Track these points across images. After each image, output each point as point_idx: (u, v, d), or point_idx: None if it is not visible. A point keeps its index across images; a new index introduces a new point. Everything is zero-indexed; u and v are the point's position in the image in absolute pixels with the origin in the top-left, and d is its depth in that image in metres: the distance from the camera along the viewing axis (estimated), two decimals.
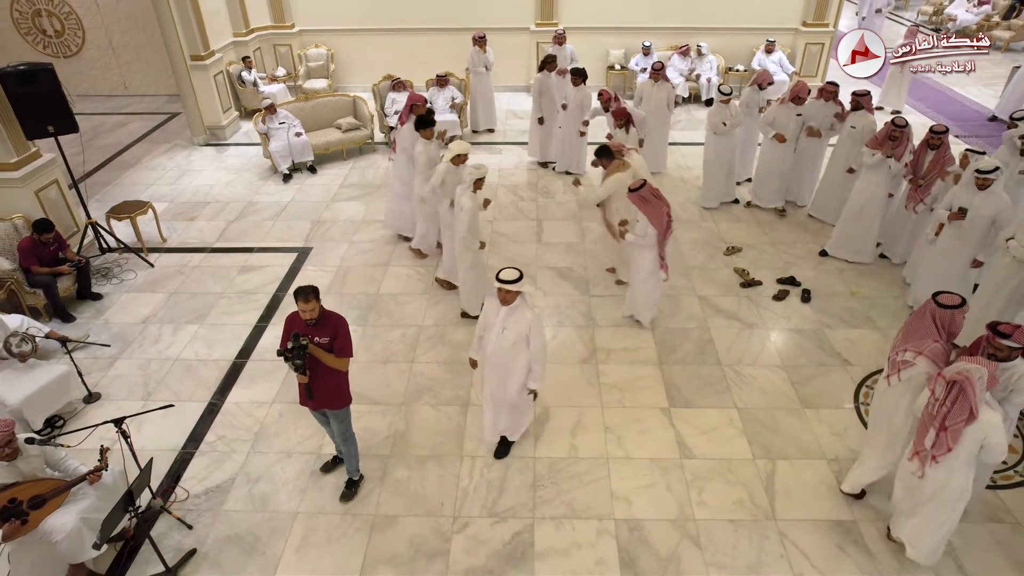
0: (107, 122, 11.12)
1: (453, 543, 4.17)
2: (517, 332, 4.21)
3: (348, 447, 4.39)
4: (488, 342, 4.33)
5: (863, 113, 6.95)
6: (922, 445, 3.62)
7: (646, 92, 8.50)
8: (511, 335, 4.22)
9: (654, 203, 5.41)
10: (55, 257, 6.15)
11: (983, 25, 15.41)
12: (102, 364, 5.69)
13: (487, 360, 4.41)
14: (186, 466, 4.76)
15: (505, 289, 4.06)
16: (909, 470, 3.73)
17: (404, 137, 6.92)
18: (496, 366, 4.37)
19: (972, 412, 3.38)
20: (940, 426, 3.49)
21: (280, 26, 11.75)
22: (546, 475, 4.62)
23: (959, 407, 3.41)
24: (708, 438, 4.90)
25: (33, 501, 3.55)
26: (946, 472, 3.55)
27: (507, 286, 4.05)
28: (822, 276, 6.77)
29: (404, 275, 6.88)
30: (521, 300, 4.19)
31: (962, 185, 5.64)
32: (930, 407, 3.57)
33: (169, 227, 7.80)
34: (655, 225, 5.43)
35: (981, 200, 5.42)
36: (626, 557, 4.07)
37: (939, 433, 3.50)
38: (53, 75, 6.13)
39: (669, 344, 5.84)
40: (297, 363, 3.74)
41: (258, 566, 4.06)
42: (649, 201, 5.41)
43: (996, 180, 5.37)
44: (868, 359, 5.66)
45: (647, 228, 5.49)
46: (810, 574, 3.97)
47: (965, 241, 5.60)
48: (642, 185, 5.42)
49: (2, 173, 6.33)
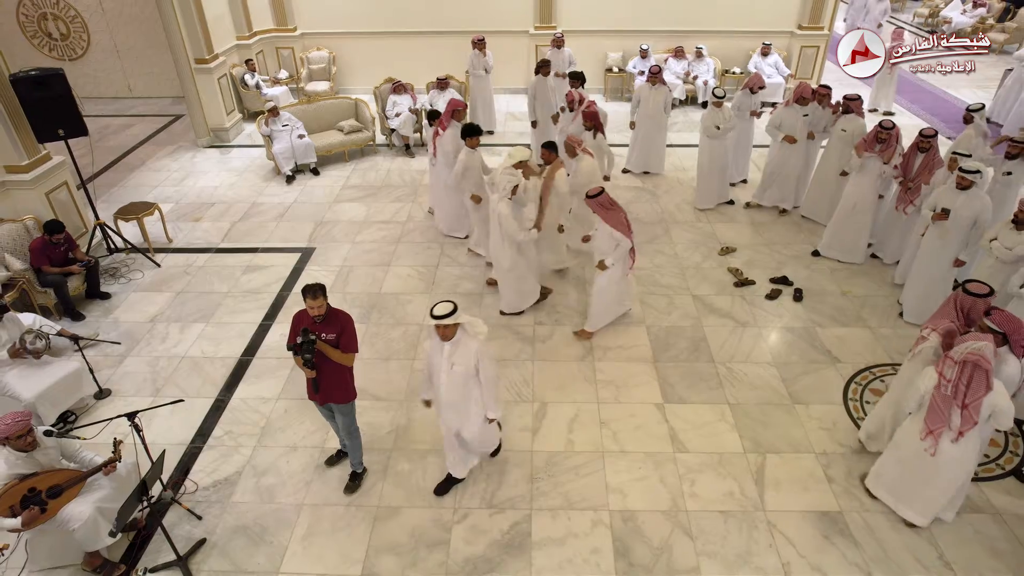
0: (112, 124, 11.29)
1: (453, 533, 4.32)
2: (466, 365, 4.02)
3: (352, 441, 4.55)
4: (439, 382, 4.11)
5: (853, 117, 7.11)
6: (936, 424, 3.88)
7: (643, 95, 8.65)
8: (460, 369, 4.02)
9: (613, 209, 5.46)
10: (65, 257, 6.30)
11: (978, 28, 15.56)
12: (112, 361, 5.85)
13: (442, 400, 4.18)
14: (195, 460, 4.91)
15: (442, 325, 3.86)
16: (921, 448, 3.99)
17: (446, 142, 7.12)
18: (452, 405, 4.17)
19: (989, 386, 3.70)
20: (962, 404, 3.76)
21: (282, 29, 11.91)
22: (543, 468, 4.78)
23: (976, 383, 3.71)
24: (700, 433, 5.06)
25: (51, 491, 3.71)
26: (961, 446, 3.87)
27: (443, 321, 3.82)
28: (814, 276, 6.93)
29: (405, 275, 7.03)
30: (462, 332, 4.00)
31: (946, 186, 5.80)
32: (942, 388, 3.83)
33: (175, 228, 7.96)
34: (620, 231, 5.44)
35: (963, 201, 5.58)
36: (620, 547, 4.22)
37: (963, 411, 3.76)
38: (64, 80, 6.29)
39: (664, 342, 6.00)
40: (307, 357, 3.89)
41: (265, 555, 4.22)
42: (608, 208, 5.44)
43: (978, 182, 5.52)
44: (858, 357, 5.81)
45: (614, 237, 5.47)
46: (797, 562, 4.13)
47: (948, 241, 5.76)
48: (600, 192, 5.41)
49: (14, 175, 6.49)
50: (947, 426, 3.85)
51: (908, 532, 4.28)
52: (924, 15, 17.45)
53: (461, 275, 7.02)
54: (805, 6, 11.35)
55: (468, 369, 4.04)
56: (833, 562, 4.12)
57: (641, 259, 7.22)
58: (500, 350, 5.90)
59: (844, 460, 4.79)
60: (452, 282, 6.90)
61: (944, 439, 3.89)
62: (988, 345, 3.69)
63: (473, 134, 6.57)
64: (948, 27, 15.87)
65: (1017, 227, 5.16)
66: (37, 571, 4.07)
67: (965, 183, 5.50)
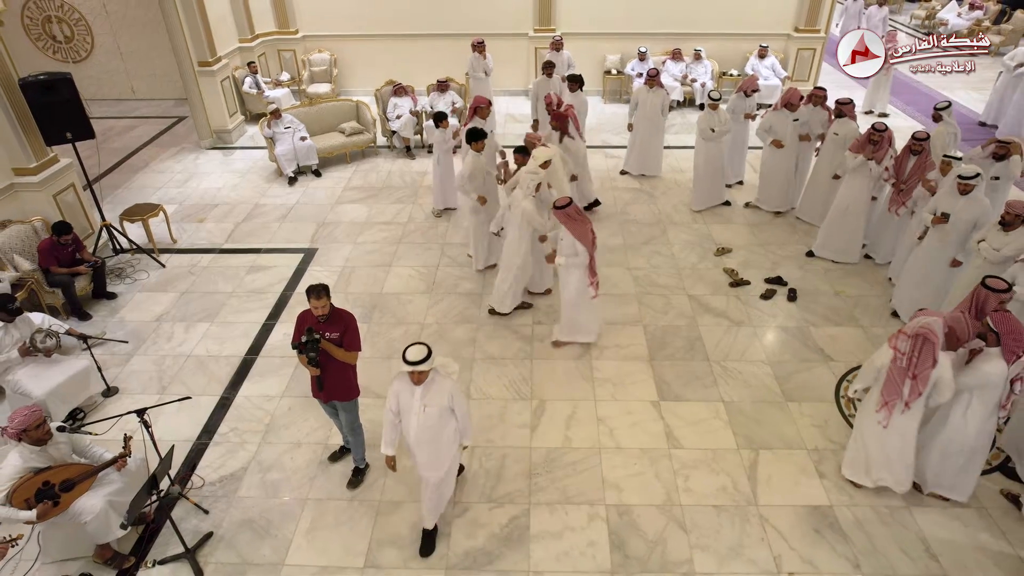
0: (116, 126, 11.40)
1: (453, 526, 4.44)
2: (440, 404, 3.90)
3: (355, 437, 4.67)
4: (411, 424, 3.94)
5: (846, 120, 7.23)
6: (891, 396, 4.17)
7: (641, 98, 8.75)
8: (434, 409, 3.89)
9: (580, 221, 5.47)
10: (73, 258, 6.42)
11: (974, 30, 15.68)
12: (119, 360, 5.97)
13: (413, 442, 4.00)
14: (201, 456, 5.03)
15: (417, 372, 3.71)
16: (875, 420, 4.32)
17: None
18: (424, 444, 4.00)
19: (935, 359, 3.97)
20: (913, 375, 4.01)
21: (284, 32, 12.04)
22: (541, 464, 4.89)
23: (925, 356, 3.99)
24: (695, 429, 5.17)
25: (64, 484, 3.83)
26: (907, 417, 4.20)
27: (418, 368, 3.67)
28: (808, 276, 7.05)
29: (406, 275, 7.15)
30: (435, 373, 3.87)
31: (946, 190, 5.90)
32: (898, 361, 4.09)
33: (179, 229, 8.08)
34: (583, 243, 5.48)
35: (963, 204, 5.68)
36: (616, 540, 4.34)
37: (913, 381, 4.02)
38: (71, 84, 6.42)
39: (660, 341, 6.12)
40: (311, 355, 4.01)
41: (271, 548, 4.34)
42: (575, 219, 5.45)
43: (977, 185, 5.64)
44: (850, 355, 5.93)
45: (576, 246, 5.52)
46: (788, 555, 4.24)
47: (947, 243, 5.88)
48: (568, 203, 5.47)
49: (22, 177, 6.62)
50: (899, 397, 4.14)
51: (896, 525, 4.40)
52: (921, 17, 17.57)
53: (461, 275, 7.14)
54: (801, 9, 11.47)
55: (442, 408, 3.92)
56: (823, 554, 4.24)
57: (638, 259, 7.35)
58: (500, 349, 6.03)
59: (835, 456, 4.90)
60: (452, 282, 7.02)
61: (896, 411, 4.21)
62: (937, 320, 3.99)
63: (478, 138, 6.69)
64: (944, 29, 15.99)
65: (1004, 228, 5.28)
66: (49, 563, 4.19)
67: (967, 189, 5.61)
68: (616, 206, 8.50)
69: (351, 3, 11.75)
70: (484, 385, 5.63)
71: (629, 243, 7.67)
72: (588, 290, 5.69)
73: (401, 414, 3.99)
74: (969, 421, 4.18)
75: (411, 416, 3.93)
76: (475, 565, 4.20)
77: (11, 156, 6.54)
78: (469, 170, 6.64)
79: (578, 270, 5.65)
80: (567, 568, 4.17)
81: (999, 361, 4.02)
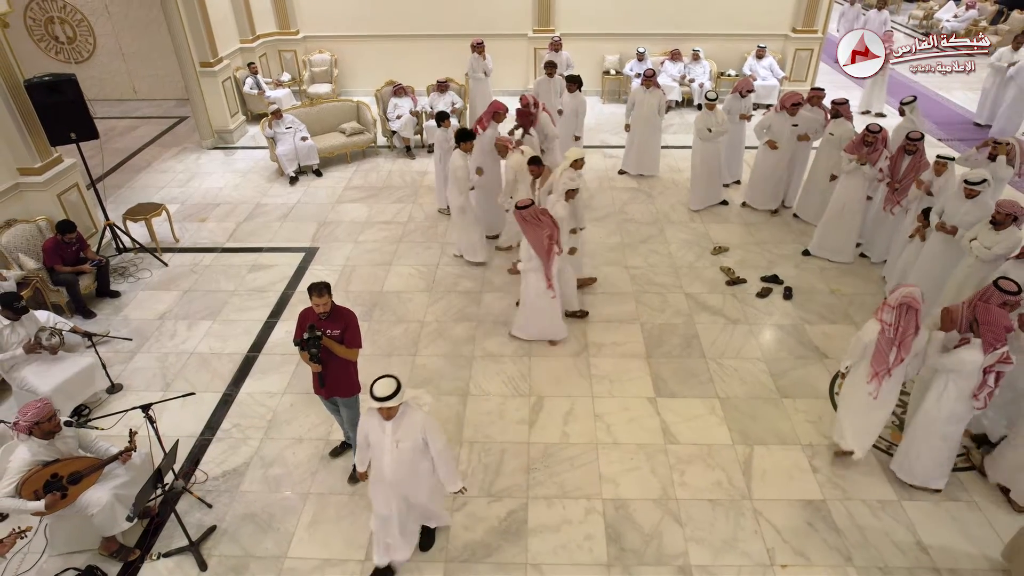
0: (118, 126, 11.48)
1: (453, 520, 4.51)
2: (413, 439, 3.71)
3: (356, 433, 4.72)
4: (383, 463, 3.73)
5: (842, 121, 7.30)
6: (880, 366, 4.37)
7: (638, 98, 8.83)
8: (407, 444, 3.70)
9: (535, 224, 5.42)
10: (77, 257, 6.50)
11: (971, 30, 15.75)
12: (123, 357, 6.05)
13: (387, 480, 3.77)
14: (204, 451, 5.11)
15: (386, 407, 3.55)
16: (866, 391, 4.54)
17: (485, 142, 7.38)
18: (399, 482, 3.80)
19: (918, 326, 4.20)
20: (898, 344, 4.25)
21: (285, 32, 12.12)
22: (539, 459, 4.97)
23: (907, 322, 4.21)
24: (691, 425, 5.25)
25: (72, 477, 3.91)
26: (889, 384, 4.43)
27: (387, 404, 3.51)
28: (804, 274, 7.12)
29: (407, 274, 7.23)
30: (405, 406, 3.72)
31: (952, 193, 5.93)
32: (885, 332, 4.28)
33: (181, 228, 8.16)
34: (535, 248, 5.48)
35: (968, 207, 5.75)
36: (612, 533, 4.42)
37: (898, 349, 4.27)
38: (76, 85, 6.50)
39: (657, 339, 6.19)
40: (313, 351, 4.09)
41: (273, 541, 4.42)
42: (529, 223, 5.42)
43: (984, 190, 5.70)
44: (844, 352, 5.96)
45: (530, 251, 5.54)
46: (781, 547, 4.32)
47: (950, 245, 5.94)
48: (528, 205, 5.46)
49: (27, 177, 6.70)
50: (887, 366, 4.35)
51: (887, 519, 4.48)
52: (919, 17, 17.64)
53: (461, 274, 7.21)
54: (799, 10, 11.55)
55: (416, 443, 3.71)
56: (815, 547, 4.31)
57: (636, 258, 7.43)
58: (499, 347, 6.10)
59: (828, 451, 4.98)
60: (452, 280, 7.10)
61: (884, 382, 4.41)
62: (917, 289, 4.23)
63: (467, 139, 6.75)
64: (945, 28, 16.06)
65: (995, 227, 5.35)
66: (56, 555, 4.27)
67: (972, 194, 5.68)
68: (614, 205, 8.57)
69: (352, 4, 11.83)
70: (483, 382, 5.71)
71: (627, 242, 7.75)
72: (547, 292, 5.72)
73: (372, 452, 3.76)
74: (942, 405, 4.33)
75: (384, 455, 3.69)
76: (474, 558, 4.28)
77: (16, 156, 6.62)
78: (464, 173, 6.71)
79: (534, 274, 5.67)
80: (564, 561, 4.25)
81: (978, 351, 4.13)
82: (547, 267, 5.59)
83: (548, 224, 5.50)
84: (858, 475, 4.80)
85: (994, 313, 4.10)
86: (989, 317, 4.08)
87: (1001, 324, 4.05)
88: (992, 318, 4.07)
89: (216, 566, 4.25)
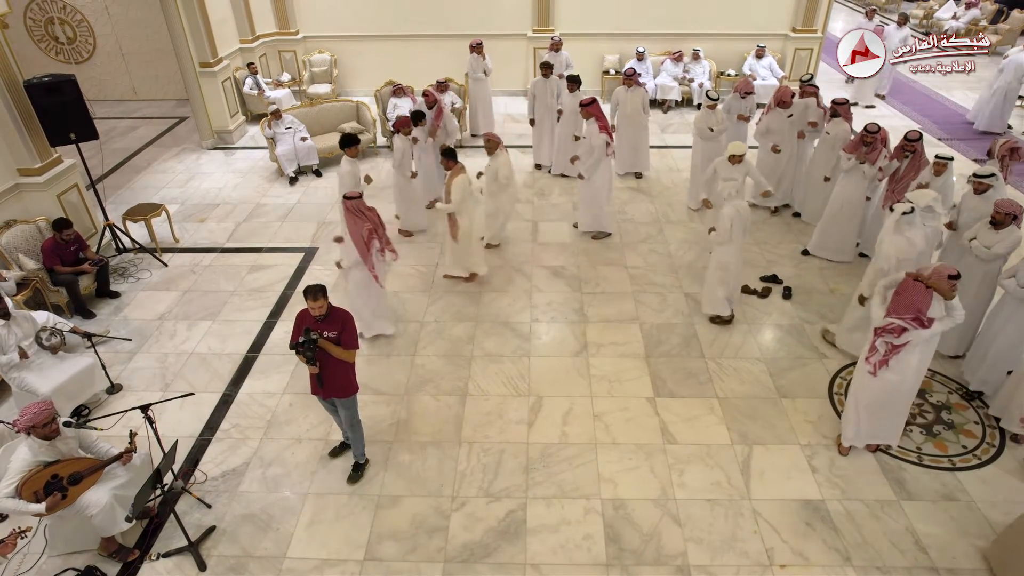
0: (118, 127, 11.49)
1: (452, 520, 4.53)
2: None
3: (355, 433, 4.75)
4: None
5: (839, 121, 7.29)
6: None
7: (621, 98, 8.75)
8: None
9: (358, 217, 5.46)
10: (76, 257, 6.50)
11: (971, 29, 15.74)
12: (122, 358, 6.06)
13: None
14: (203, 451, 5.12)
15: None
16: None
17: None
18: None
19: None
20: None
21: (284, 32, 12.12)
22: (538, 459, 4.98)
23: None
24: (690, 425, 5.25)
25: (72, 478, 3.92)
26: None
27: None
28: (803, 274, 7.12)
29: (406, 274, 7.23)
30: None
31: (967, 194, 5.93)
32: None
33: (181, 228, 8.16)
34: (354, 240, 5.49)
35: (977, 203, 5.76)
36: (611, 533, 4.42)
37: None
38: (75, 86, 6.51)
39: (655, 338, 6.20)
40: (308, 355, 4.09)
41: (272, 541, 4.42)
42: (354, 214, 5.45)
43: (995, 184, 5.71)
44: (844, 352, 6.00)
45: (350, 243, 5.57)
46: (780, 547, 4.32)
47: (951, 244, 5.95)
48: (358, 196, 5.50)
49: (27, 178, 6.70)
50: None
51: (885, 518, 4.48)
52: (919, 16, 17.62)
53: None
54: (799, 9, 11.55)
55: None
56: (814, 547, 4.32)
57: (635, 258, 7.43)
58: (498, 346, 6.11)
59: (827, 451, 4.99)
60: (451, 281, 7.09)
61: None
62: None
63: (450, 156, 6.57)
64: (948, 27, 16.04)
65: (995, 227, 5.35)
66: (56, 556, 4.28)
67: (981, 188, 5.70)
68: (613, 205, 8.55)
69: (351, 4, 11.83)
70: (482, 382, 5.71)
71: (626, 241, 7.75)
72: (373, 283, 5.72)
73: None
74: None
75: None
76: (473, 558, 4.28)
77: (16, 157, 6.63)
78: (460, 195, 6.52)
79: (356, 267, 5.67)
80: (563, 561, 4.26)
81: None
82: (366, 260, 5.56)
83: (372, 219, 5.54)
84: (857, 475, 4.80)
85: (911, 289, 4.31)
86: (905, 286, 4.36)
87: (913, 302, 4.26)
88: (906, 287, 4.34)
89: (215, 566, 4.25)
